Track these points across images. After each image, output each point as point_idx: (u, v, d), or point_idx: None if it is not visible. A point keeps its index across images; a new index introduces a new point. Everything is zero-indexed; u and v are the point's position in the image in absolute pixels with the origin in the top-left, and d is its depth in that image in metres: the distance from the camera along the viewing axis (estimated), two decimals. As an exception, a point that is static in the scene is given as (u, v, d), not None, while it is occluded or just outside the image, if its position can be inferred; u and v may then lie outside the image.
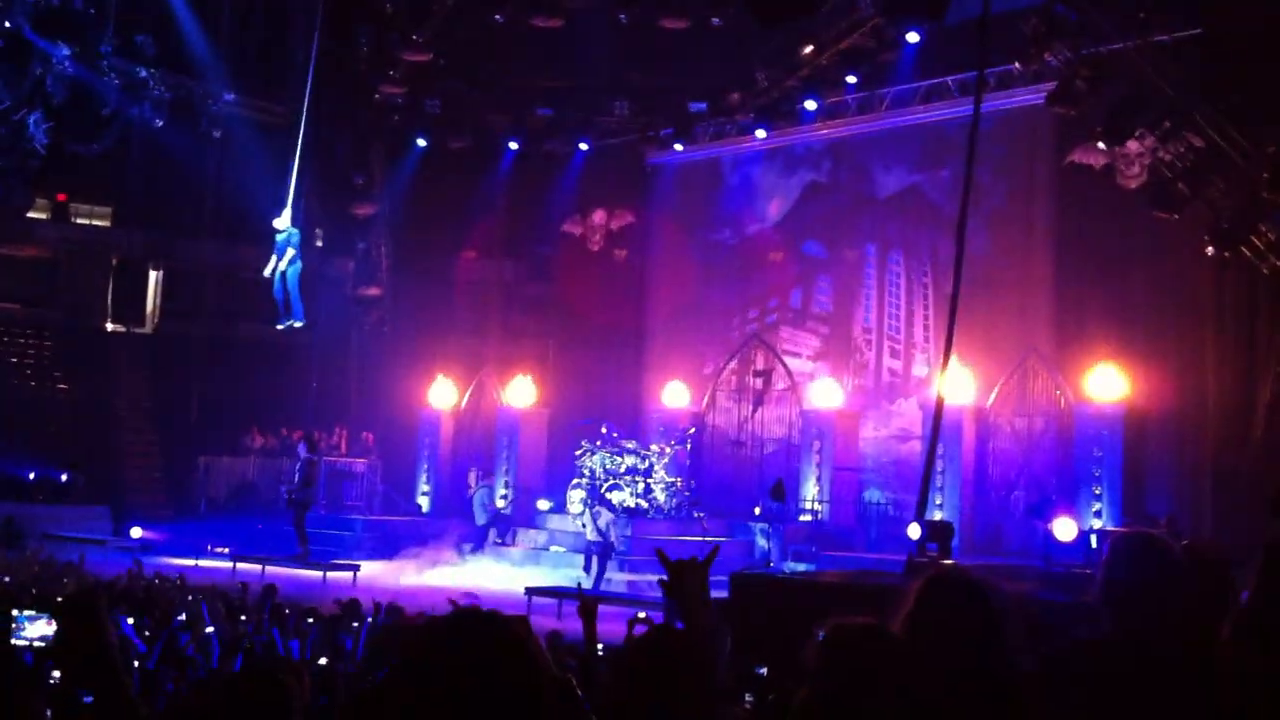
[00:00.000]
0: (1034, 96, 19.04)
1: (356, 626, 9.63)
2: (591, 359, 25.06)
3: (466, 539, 21.34)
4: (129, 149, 23.72)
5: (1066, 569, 15.17)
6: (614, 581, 18.29)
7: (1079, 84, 17.44)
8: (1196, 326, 18.10)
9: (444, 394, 24.78)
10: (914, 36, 19.57)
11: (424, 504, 24.18)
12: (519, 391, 23.93)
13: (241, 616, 10.10)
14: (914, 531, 15.12)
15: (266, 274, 17.93)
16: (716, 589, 3.40)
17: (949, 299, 14.01)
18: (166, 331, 27.62)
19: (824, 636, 2.84)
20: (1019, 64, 18.59)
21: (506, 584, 17.86)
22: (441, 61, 23.08)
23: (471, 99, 24.52)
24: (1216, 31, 17.00)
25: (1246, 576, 3.24)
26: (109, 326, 27.23)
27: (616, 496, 20.59)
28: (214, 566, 18.53)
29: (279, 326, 18.41)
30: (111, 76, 20.95)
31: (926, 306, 21.59)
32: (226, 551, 19.73)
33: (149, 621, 8.98)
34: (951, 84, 20.70)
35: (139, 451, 25.21)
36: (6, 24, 19.30)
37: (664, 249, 25.26)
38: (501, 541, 21.59)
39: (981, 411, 19.89)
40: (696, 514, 20.33)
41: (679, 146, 24.01)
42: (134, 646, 7.46)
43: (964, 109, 18.12)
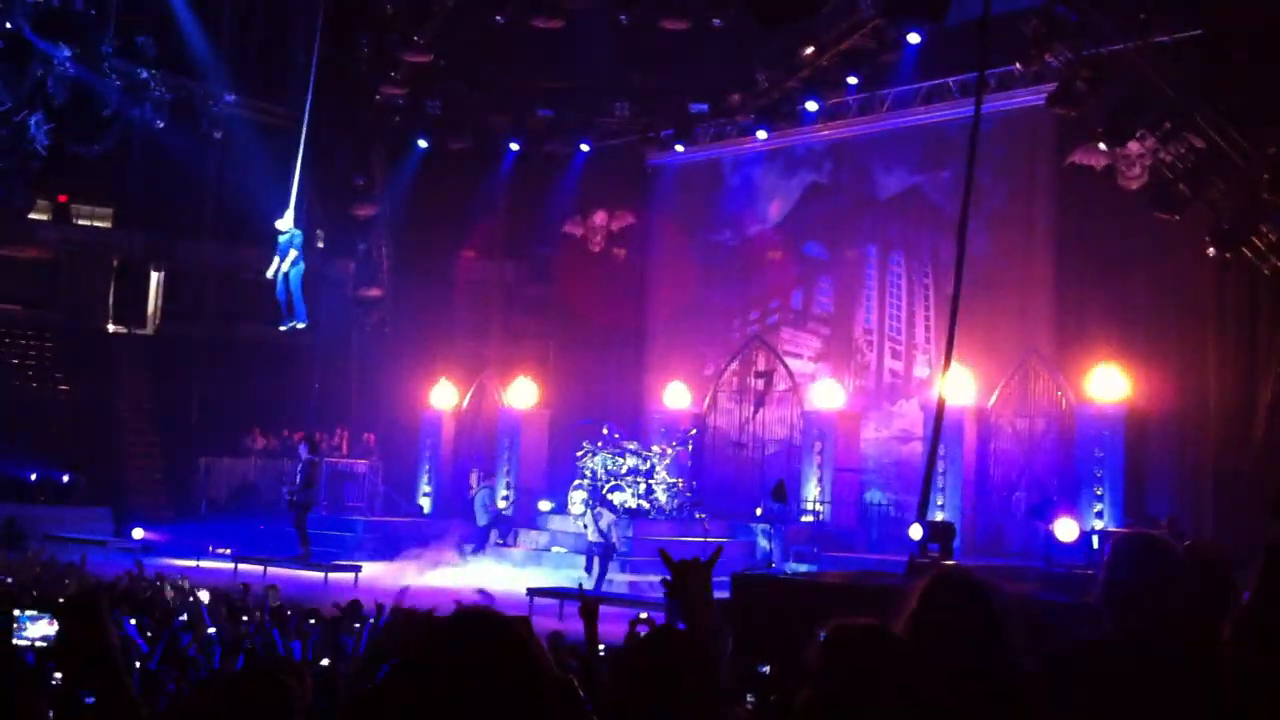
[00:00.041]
0: (1035, 97, 19.03)
1: (358, 628, 9.63)
2: (592, 360, 25.05)
3: (468, 540, 21.34)
4: (130, 150, 23.70)
5: (1068, 570, 15.17)
6: (615, 582, 18.29)
7: (1079, 85, 17.44)
8: (1197, 327, 18.09)
9: (445, 395, 24.77)
10: (915, 37, 19.57)
11: (425, 505, 24.17)
12: (520, 392, 23.92)
13: (243, 617, 10.10)
14: (915, 532, 15.10)
15: (269, 275, 17.97)
16: (718, 589, 3.40)
17: (950, 300, 14.04)
18: (168, 332, 27.60)
19: (825, 637, 2.84)
20: (1019, 65, 18.58)
21: (508, 585, 17.81)
22: (442, 62, 23.06)
23: (472, 100, 24.52)
24: (1217, 32, 17.00)
25: (1248, 577, 3.24)
26: (110, 328, 27.21)
27: (618, 497, 20.58)
28: (215, 568, 18.54)
29: (281, 328, 18.46)
30: (112, 78, 20.96)
31: (927, 307, 21.58)
32: (228, 553, 19.74)
33: (149, 622, 8.98)
34: (952, 85, 20.69)
35: (140, 453, 25.19)
36: (7, 25, 19.30)
37: (665, 250, 25.25)
38: (503, 542, 21.58)
39: (983, 412, 19.88)
40: (698, 515, 20.31)
41: (680, 147, 24.00)
42: (136, 647, 7.46)
43: (965, 110, 18.11)
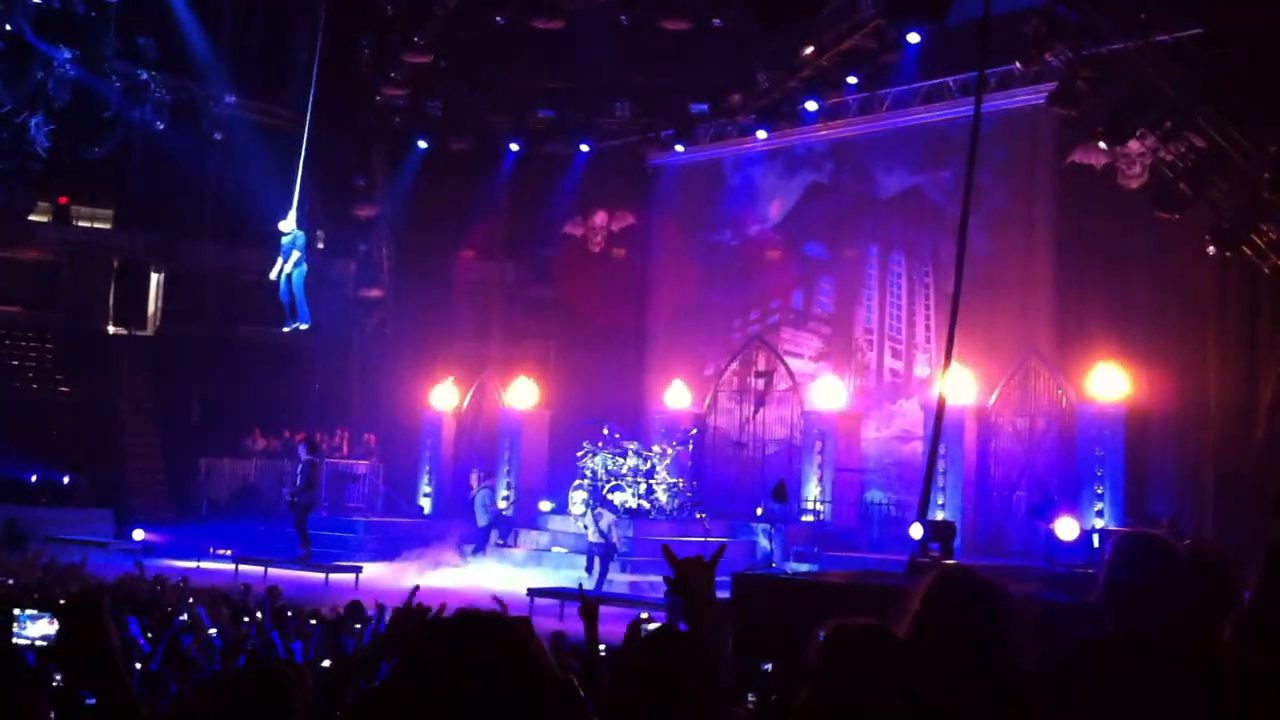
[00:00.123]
0: (1035, 97, 19.03)
1: (359, 628, 9.63)
2: (593, 360, 25.04)
3: (468, 540, 21.35)
4: (130, 151, 23.72)
5: (1068, 569, 15.17)
6: (616, 582, 18.29)
7: (1080, 84, 17.43)
8: (1198, 326, 18.08)
9: (446, 395, 24.77)
10: (915, 37, 19.57)
11: (426, 506, 24.17)
12: (520, 393, 23.92)
13: (244, 619, 10.10)
14: (916, 532, 15.09)
15: (272, 276, 17.98)
16: (719, 589, 3.39)
17: (950, 299, 14.04)
18: (168, 333, 27.59)
19: (825, 637, 2.84)
20: (1020, 64, 18.56)
21: (508, 585, 17.79)
22: (443, 63, 23.06)
23: (472, 100, 24.51)
24: (1217, 32, 16.99)
25: (1248, 577, 3.24)
26: (110, 329, 27.20)
27: (618, 497, 20.58)
28: (216, 569, 18.54)
29: (285, 329, 18.47)
30: (113, 79, 20.99)
31: (928, 307, 21.58)
32: (229, 554, 19.74)
33: (149, 622, 8.98)
34: (952, 85, 20.70)
35: (141, 454, 25.17)
36: (8, 27, 19.32)
37: (665, 250, 25.25)
38: (503, 543, 21.58)
39: (983, 412, 19.88)
40: (699, 515, 20.31)
41: (680, 148, 24.00)
42: (138, 648, 7.46)
43: (965, 110, 18.11)
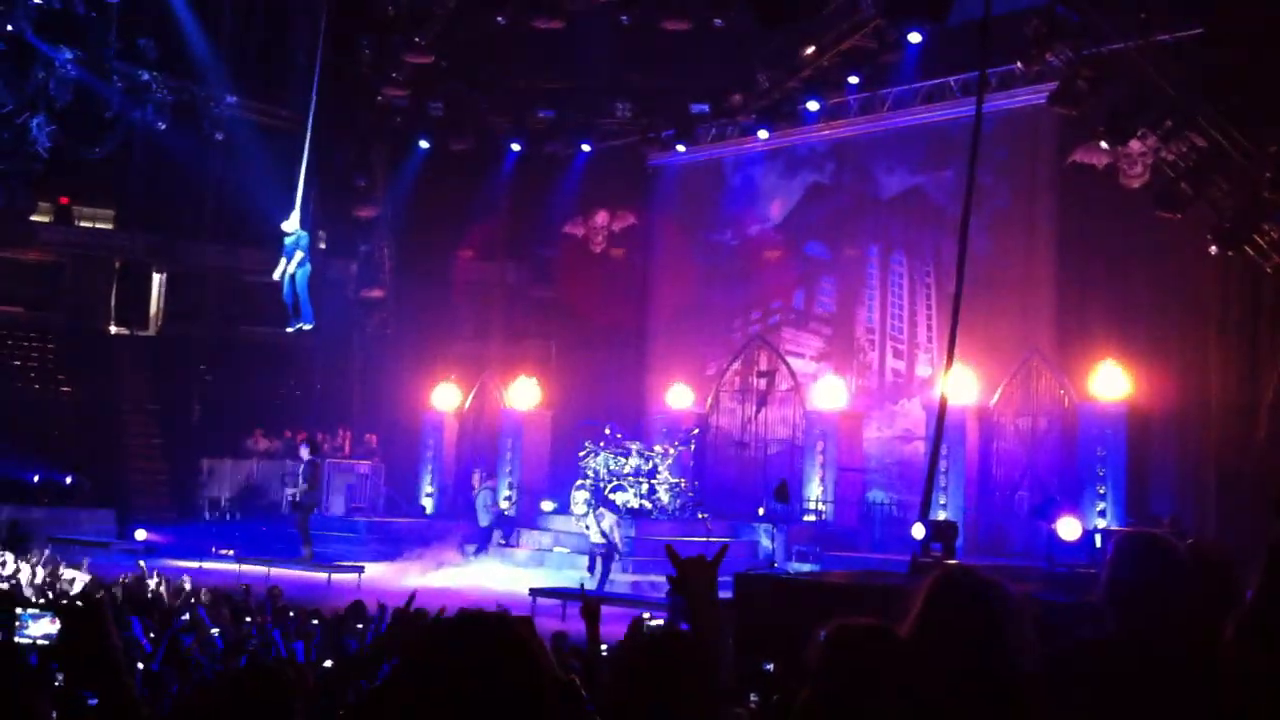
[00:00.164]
0: (1036, 97, 19.02)
1: (361, 628, 9.65)
2: (594, 360, 25.04)
3: (470, 540, 21.35)
4: (131, 152, 23.72)
5: (1070, 569, 15.14)
6: (618, 583, 18.29)
7: (1081, 84, 17.42)
8: (1199, 326, 18.07)
9: (447, 396, 24.77)
10: (916, 37, 19.55)
11: (428, 506, 24.17)
12: (522, 393, 23.92)
13: (246, 619, 10.11)
14: (918, 532, 15.07)
15: (275, 277, 17.99)
16: (721, 589, 3.39)
17: (952, 299, 14.02)
18: (169, 334, 27.61)
19: (826, 637, 2.83)
20: (1021, 64, 18.55)
21: (510, 585, 17.85)
22: (443, 64, 23.05)
23: (473, 101, 24.50)
24: (1218, 32, 16.98)
25: (1250, 576, 3.24)
26: (112, 329, 27.23)
27: (620, 498, 20.57)
28: (218, 569, 18.54)
29: (289, 329, 18.49)
30: (114, 80, 20.99)
31: (929, 307, 21.57)
32: (231, 554, 19.74)
33: (151, 622, 8.99)
34: (953, 85, 20.69)
35: (143, 454, 25.18)
36: (9, 28, 19.34)
37: (666, 250, 25.25)
38: (505, 543, 21.58)
39: (985, 411, 19.86)
40: (700, 515, 20.31)
41: (681, 148, 24.00)
42: (140, 648, 7.47)
43: (966, 109, 18.09)
